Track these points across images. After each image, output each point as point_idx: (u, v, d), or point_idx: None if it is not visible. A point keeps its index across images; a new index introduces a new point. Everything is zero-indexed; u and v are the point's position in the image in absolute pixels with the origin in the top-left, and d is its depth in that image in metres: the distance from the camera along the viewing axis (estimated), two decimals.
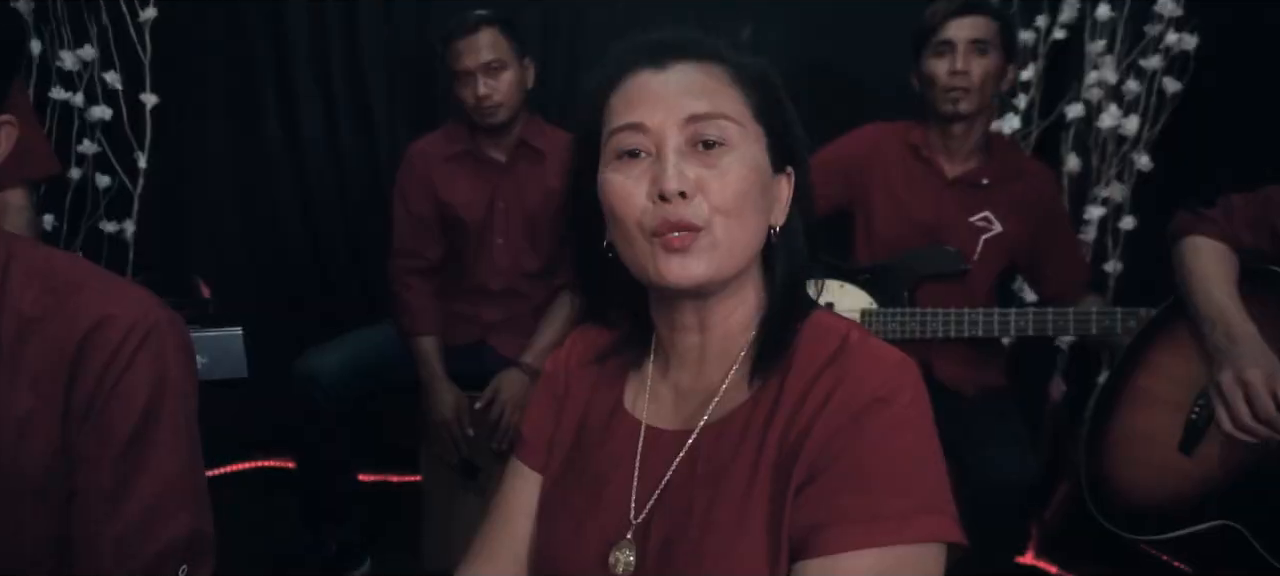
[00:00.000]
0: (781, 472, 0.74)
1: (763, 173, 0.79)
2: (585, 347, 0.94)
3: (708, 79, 0.79)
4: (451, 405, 2.00)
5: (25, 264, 0.87)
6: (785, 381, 0.78)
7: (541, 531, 0.88)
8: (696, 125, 0.76)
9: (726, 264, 0.76)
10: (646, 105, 0.78)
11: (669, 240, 0.74)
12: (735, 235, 0.76)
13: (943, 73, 1.78)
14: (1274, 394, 1.22)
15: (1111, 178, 2.27)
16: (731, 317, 0.82)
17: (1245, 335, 1.30)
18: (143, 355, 0.86)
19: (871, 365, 0.75)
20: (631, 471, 0.83)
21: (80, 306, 0.86)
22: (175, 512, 0.87)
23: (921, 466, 0.73)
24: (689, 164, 0.76)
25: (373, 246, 2.50)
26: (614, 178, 0.78)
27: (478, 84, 1.94)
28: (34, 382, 0.84)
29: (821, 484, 0.72)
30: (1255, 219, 1.38)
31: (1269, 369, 1.24)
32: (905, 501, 0.70)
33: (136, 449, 0.86)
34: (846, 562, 0.69)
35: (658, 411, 0.85)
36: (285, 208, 2.57)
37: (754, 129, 0.79)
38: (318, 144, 2.53)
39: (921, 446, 0.74)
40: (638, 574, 0.78)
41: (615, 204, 0.77)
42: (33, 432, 0.84)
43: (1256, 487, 1.23)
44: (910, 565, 0.70)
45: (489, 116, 1.97)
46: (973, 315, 1.76)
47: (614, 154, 0.79)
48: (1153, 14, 2.16)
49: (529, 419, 0.94)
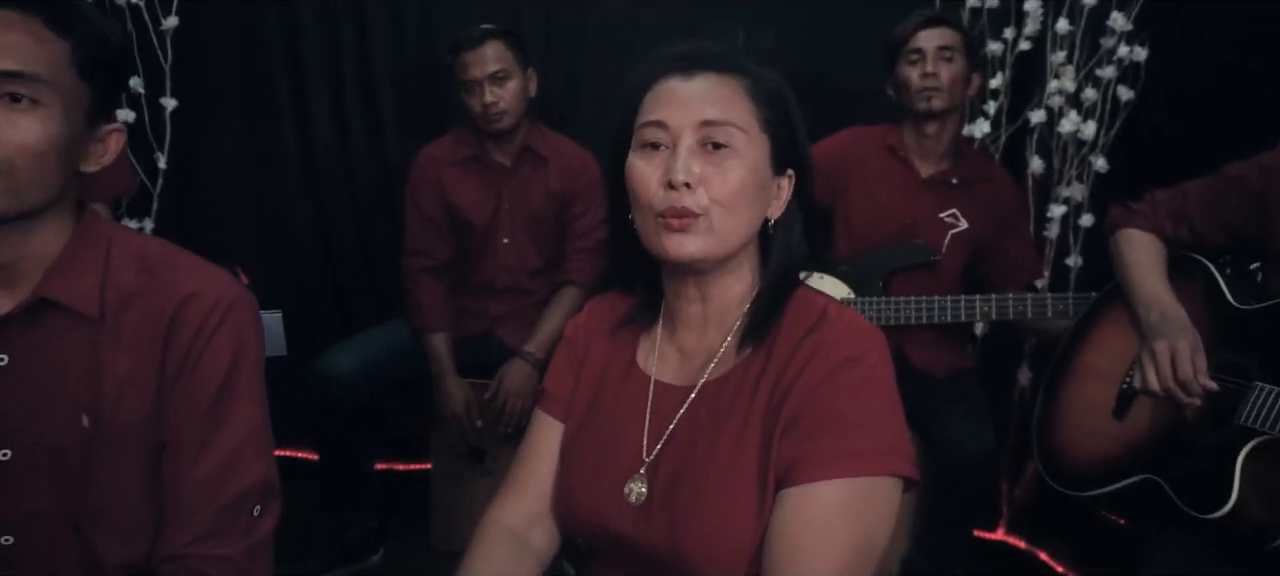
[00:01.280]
0: (770, 419, 0.88)
1: (761, 174, 0.92)
2: (602, 314, 1.07)
3: (725, 90, 0.91)
4: (461, 399, 2.10)
5: (122, 247, 1.00)
6: (774, 345, 0.92)
7: (565, 470, 1.01)
8: (708, 129, 0.89)
9: (718, 247, 0.90)
10: (670, 107, 0.91)
11: (671, 221, 0.89)
12: (729, 223, 0.90)
13: (915, 77, 1.93)
14: (1194, 363, 1.34)
15: (1072, 178, 2.34)
16: (729, 292, 0.96)
17: (1176, 315, 1.40)
18: (225, 327, 0.99)
19: (845, 332, 0.90)
20: (643, 419, 0.97)
21: (173, 283, 0.98)
22: (250, 462, 1.00)
23: (884, 416, 0.88)
24: (697, 160, 0.89)
25: (381, 246, 2.56)
26: (637, 163, 0.92)
27: (484, 92, 2.04)
28: (132, 347, 0.97)
29: (802, 427, 0.86)
30: (1175, 212, 1.50)
31: (1194, 343, 1.35)
32: (870, 442, 0.85)
33: (218, 407, 0.98)
34: (820, 489, 0.84)
35: (665, 369, 0.99)
36: (297, 207, 2.61)
37: (759, 137, 0.92)
38: (329, 147, 2.58)
39: (885, 400, 0.88)
40: (649, 502, 0.92)
41: (635, 185, 0.91)
42: (131, 390, 0.96)
43: (1172, 446, 1.35)
44: (872, 494, 0.85)
45: (495, 122, 2.07)
46: (941, 302, 1.90)
47: (640, 144, 0.93)
48: (1107, 28, 2.24)
49: (552, 375, 1.07)
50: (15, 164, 0.86)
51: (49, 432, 0.94)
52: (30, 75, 0.86)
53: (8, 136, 0.85)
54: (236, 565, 0.96)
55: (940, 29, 1.94)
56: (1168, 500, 1.31)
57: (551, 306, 2.18)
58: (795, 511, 0.84)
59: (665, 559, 0.90)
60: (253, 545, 0.98)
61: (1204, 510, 1.24)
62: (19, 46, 0.86)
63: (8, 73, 0.85)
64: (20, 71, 0.85)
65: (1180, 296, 1.45)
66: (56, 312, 0.95)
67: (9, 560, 0.95)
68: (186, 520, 0.95)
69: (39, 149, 0.87)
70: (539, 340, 2.13)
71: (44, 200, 0.92)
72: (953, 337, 2.04)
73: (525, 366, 2.10)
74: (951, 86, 1.94)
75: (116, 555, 0.97)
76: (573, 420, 1.03)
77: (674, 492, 0.91)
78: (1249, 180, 1.39)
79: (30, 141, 0.87)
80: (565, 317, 2.15)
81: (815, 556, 0.82)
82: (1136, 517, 1.47)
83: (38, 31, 0.87)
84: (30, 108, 0.87)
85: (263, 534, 1.00)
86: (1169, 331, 1.38)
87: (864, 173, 2.05)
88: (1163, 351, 1.35)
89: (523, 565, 0.99)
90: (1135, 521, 1.48)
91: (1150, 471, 1.37)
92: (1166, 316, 1.41)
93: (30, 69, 0.86)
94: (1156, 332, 1.40)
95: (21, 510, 0.95)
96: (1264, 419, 1.21)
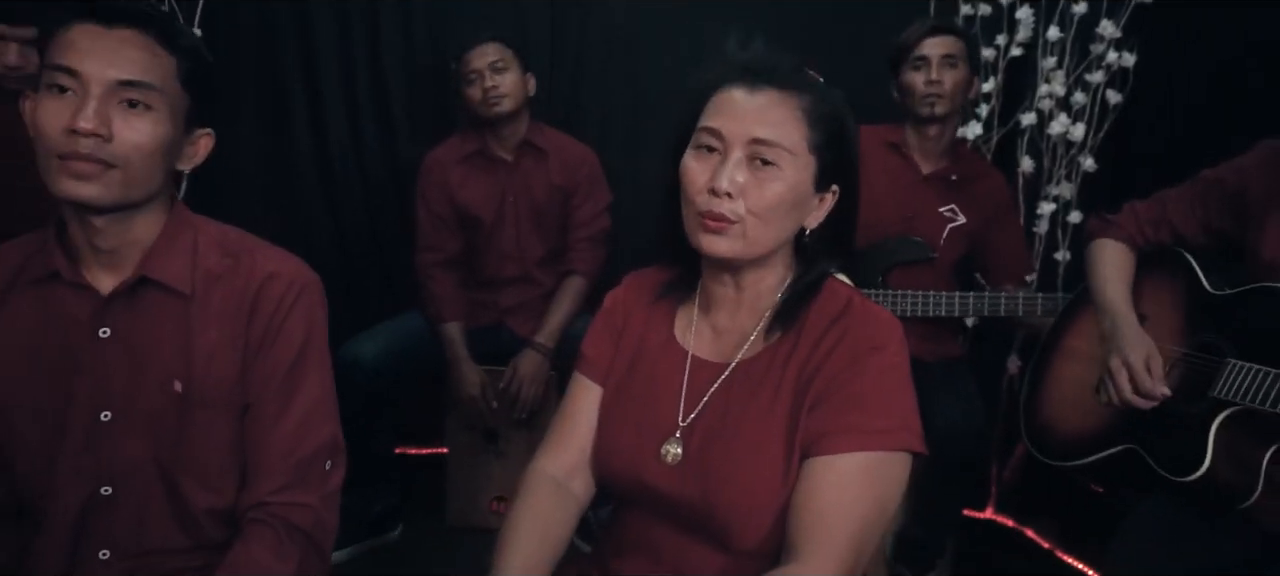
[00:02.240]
0: (798, 397, 0.99)
1: (800, 192, 0.99)
2: (640, 288, 1.17)
3: (782, 110, 0.98)
4: (476, 383, 2.21)
5: (206, 234, 1.12)
6: (802, 331, 1.03)
7: (604, 430, 1.11)
8: (757, 146, 0.97)
9: (748, 251, 1.00)
10: (728, 118, 0.99)
11: (707, 222, 0.99)
12: (760, 233, 0.99)
13: (920, 83, 2.02)
14: (1149, 370, 1.43)
15: (1061, 178, 2.45)
16: (762, 283, 1.06)
17: (1127, 325, 1.50)
18: (300, 304, 1.10)
19: (870, 322, 1.01)
20: (680, 388, 1.07)
21: (253, 266, 1.10)
22: (321, 424, 1.11)
23: (901, 398, 0.99)
24: (742, 172, 0.97)
25: (393, 242, 2.64)
26: (690, 162, 1.01)
27: (484, 78, 2.15)
28: (219, 321, 1.08)
29: (827, 405, 0.97)
30: (1156, 219, 1.59)
31: (1146, 351, 1.45)
32: (888, 420, 0.96)
33: (294, 374, 1.09)
34: (843, 460, 0.95)
35: (700, 344, 1.09)
36: (313, 206, 2.68)
37: (806, 158, 0.99)
38: (343, 148, 2.65)
39: (901, 384, 0.99)
40: (682, 463, 1.02)
41: (685, 181, 1.01)
42: (218, 359, 1.08)
43: (1150, 418, 1.44)
44: (887, 465, 0.96)
45: (494, 106, 2.17)
46: (937, 297, 2.00)
47: (696, 143, 1.01)
48: (1096, 35, 2.33)
49: (592, 342, 1.16)
50: (130, 160, 0.98)
51: (146, 396, 1.05)
52: (146, 84, 0.98)
53: (125, 136, 0.97)
54: (314, 511, 1.07)
55: (944, 37, 2.02)
56: (1146, 467, 1.42)
57: (558, 297, 2.28)
58: (820, 477, 0.95)
59: (697, 512, 1.00)
60: (326, 494, 1.09)
61: (1180, 474, 1.35)
62: (138, 60, 0.98)
63: (129, 82, 0.97)
64: (138, 81, 0.97)
65: (1162, 285, 1.56)
66: (154, 290, 1.06)
67: (109, 508, 1.06)
68: (269, 473, 1.06)
69: (149, 148, 0.99)
70: (548, 330, 2.23)
71: (148, 193, 1.03)
72: (943, 328, 2.14)
73: (536, 355, 2.21)
74: (954, 92, 2.03)
75: (203, 503, 1.08)
76: (611, 383, 1.13)
77: (707, 455, 1.01)
78: (1226, 182, 1.49)
79: (143, 141, 0.98)
80: (572, 306, 2.26)
81: (837, 517, 0.93)
82: (1117, 485, 1.57)
83: (152, 47, 0.99)
84: (144, 112, 0.99)
85: (333, 485, 1.11)
86: (1123, 343, 1.48)
87: (867, 169, 2.07)
88: (1118, 368, 1.46)
89: (565, 509, 1.10)
90: (1116, 489, 1.58)
91: (1130, 441, 1.47)
92: (1119, 326, 1.51)
93: (146, 79, 0.98)
94: (1112, 344, 1.50)
95: (121, 465, 1.05)
96: (1235, 392, 1.32)
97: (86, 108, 0.95)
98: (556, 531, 1.08)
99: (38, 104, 0.97)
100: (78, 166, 0.96)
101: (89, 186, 0.97)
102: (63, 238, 1.06)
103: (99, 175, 0.97)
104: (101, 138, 0.96)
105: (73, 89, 0.96)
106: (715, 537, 1.00)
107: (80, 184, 0.97)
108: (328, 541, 1.11)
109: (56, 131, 0.95)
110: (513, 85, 2.19)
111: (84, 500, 1.05)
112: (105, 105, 0.96)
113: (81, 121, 0.94)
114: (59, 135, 0.95)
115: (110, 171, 0.98)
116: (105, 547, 1.07)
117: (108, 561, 1.07)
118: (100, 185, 0.97)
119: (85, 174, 0.96)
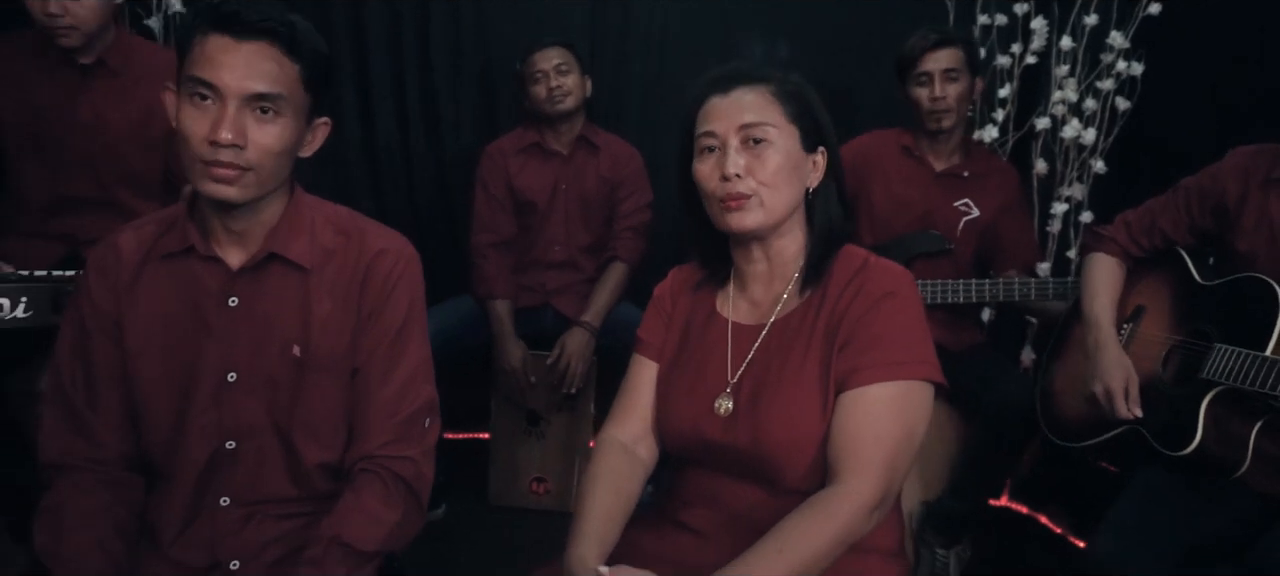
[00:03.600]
0: (828, 342, 1.14)
1: (795, 156, 1.17)
2: (683, 279, 1.34)
3: (757, 98, 1.16)
4: (518, 356, 2.35)
5: (320, 214, 1.25)
6: (827, 288, 1.18)
7: (663, 397, 1.26)
8: (747, 130, 1.15)
9: (769, 217, 1.16)
10: (716, 119, 1.16)
11: (730, 204, 1.15)
12: (775, 198, 1.16)
13: (925, 99, 2.13)
14: (1127, 392, 1.56)
15: (1073, 179, 2.55)
16: (786, 250, 1.22)
17: (1106, 346, 1.63)
18: (405, 278, 1.23)
19: (884, 274, 1.17)
20: (725, 352, 1.23)
21: (365, 243, 1.23)
22: (422, 385, 1.24)
23: (917, 335, 1.14)
24: (742, 155, 1.14)
25: (438, 234, 2.77)
26: (699, 166, 1.19)
27: (550, 79, 2.33)
28: (333, 293, 1.21)
29: (854, 345, 1.13)
30: (1147, 227, 1.72)
31: (1124, 376, 1.58)
32: (907, 354, 1.12)
33: (399, 341, 1.22)
34: (872, 391, 1.10)
35: (739, 313, 1.25)
36: (362, 199, 2.78)
37: (788, 128, 1.16)
38: (391, 144, 2.78)
39: (916, 323, 1.15)
40: (734, 413, 1.18)
41: (700, 182, 1.18)
42: (332, 327, 1.20)
43: (1149, 400, 1.57)
44: (911, 393, 1.12)
45: (558, 104, 2.35)
46: (954, 284, 2.12)
47: (699, 150, 1.19)
48: (1107, 45, 2.45)
49: (646, 328, 1.32)
50: (262, 163, 1.11)
51: (268, 360, 1.19)
52: (275, 95, 1.10)
53: (258, 141, 1.10)
54: (415, 463, 1.21)
55: (945, 50, 2.11)
56: (1147, 444, 1.55)
57: (603, 281, 2.43)
58: (853, 408, 1.10)
59: (749, 455, 1.15)
60: (426, 449, 1.23)
61: (1174, 449, 1.49)
62: (268, 72, 1.09)
63: (261, 94, 1.09)
64: (269, 93, 1.09)
65: (1160, 278, 1.70)
66: (278, 265, 1.19)
67: (231, 460, 1.20)
68: (376, 430, 1.19)
69: (278, 149, 1.12)
70: (595, 310, 2.38)
71: (276, 185, 1.16)
72: (964, 318, 2.26)
73: (583, 333, 2.35)
74: (958, 104, 2.13)
75: (315, 457, 1.21)
76: (665, 359, 1.28)
77: (755, 403, 1.16)
78: (1205, 188, 1.62)
79: (273, 144, 1.11)
80: (616, 289, 2.41)
81: (869, 439, 1.08)
82: (1122, 462, 1.70)
83: (279, 57, 1.10)
84: (274, 118, 1.11)
85: (432, 441, 1.25)
86: (1103, 369, 1.61)
87: (884, 170, 2.24)
88: (1102, 395, 1.59)
89: (633, 470, 1.24)
90: (1122, 465, 1.71)
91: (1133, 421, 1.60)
92: (1101, 346, 1.65)
93: (275, 90, 1.10)
94: (1095, 366, 1.63)
95: (243, 422, 1.19)
96: (1221, 373, 1.46)
97: (224, 120, 1.06)
98: (628, 487, 1.22)
99: (180, 108, 1.10)
100: (218, 172, 1.08)
101: (229, 188, 1.09)
102: (194, 215, 1.19)
103: (237, 178, 1.09)
104: (238, 147, 1.08)
105: (211, 99, 1.07)
106: (766, 479, 1.15)
107: (221, 187, 1.09)
108: (426, 491, 1.23)
109: (199, 140, 1.07)
110: (574, 86, 2.37)
111: (209, 453, 1.18)
112: (241, 116, 1.07)
113: (222, 133, 1.06)
114: (201, 143, 1.07)
115: (246, 174, 1.10)
116: (225, 496, 1.20)
117: (227, 508, 1.20)
118: (238, 187, 1.10)
119: (225, 178, 1.08)
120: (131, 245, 1.20)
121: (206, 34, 1.08)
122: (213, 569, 1.19)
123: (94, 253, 1.21)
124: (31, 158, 1.95)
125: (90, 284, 1.19)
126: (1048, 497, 2.58)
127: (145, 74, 1.95)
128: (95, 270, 1.19)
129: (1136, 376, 1.59)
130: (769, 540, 1.05)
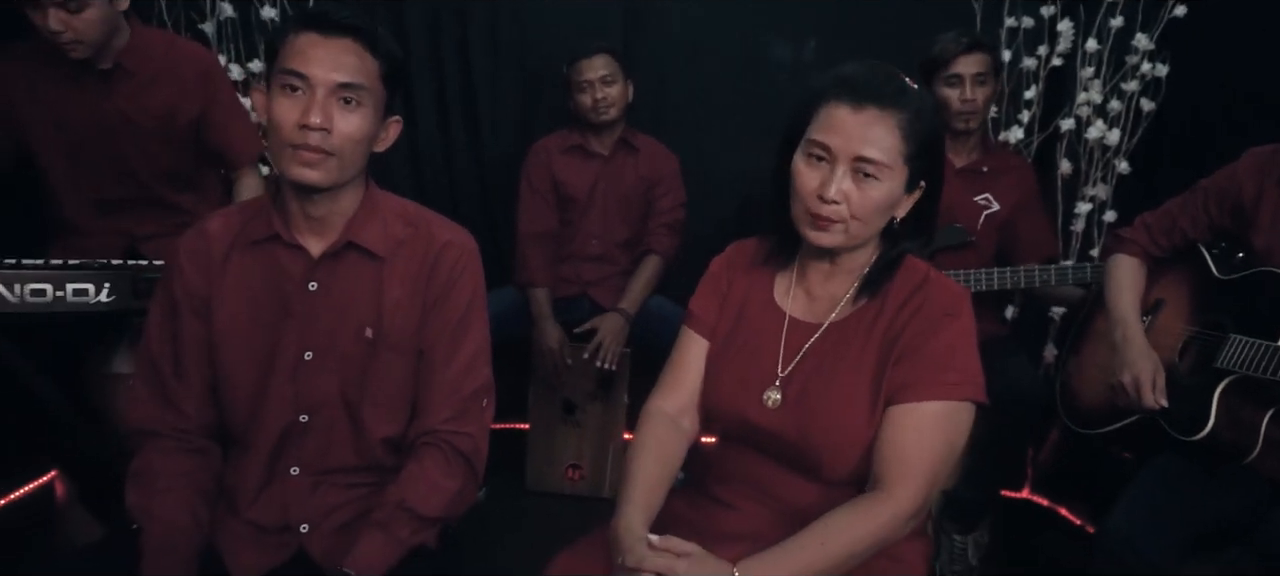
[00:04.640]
0: (883, 353, 1.18)
1: (893, 196, 1.15)
2: (743, 254, 1.35)
3: (883, 128, 1.11)
4: (556, 338, 2.47)
5: (390, 206, 1.34)
6: (887, 299, 1.21)
7: (711, 378, 1.29)
8: (861, 162, 1.12)
9: (848, 243, 1.18)
10: (836, 134, 1.12)
11: (816, 221, 1.15)
12: (862, 229, 1.15)
13: (955, 100, 2.17)
14: (1154, 385, 1.59)
15: (1097, 180, 2.59)
16: (855, 260, 1.24)
17: (1134, 341, 1.67)
18: (469, 269, 1.32)
19: (945, 292, 1.20)
20: (779, 344, 1.26)
21: (432, 233, 1.32)
22: (481, 367, 1.33)
23: (970, 356, 1.18)
24: (847, 181, 1.12)
25: (478, 231, 2.70)
26: (801, 166, 1.17)
27: (595, 89, 2.44)
28: (403, 280, 1.29)
29: (909, 361, 1.16)
30: (1168, 227, 1.76)
31: (1152, 367, 1.61)
32: (958, 375, 1.16)
33: (462, 326, 1.31)
34: (922, 407, 1.14)
35: (796, 307, 1.27)
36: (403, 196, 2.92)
37: (900, 169, 1.13)
38: (432, 144, 2.86)
39: (971, 344, 1.19)
40: (781, 408, 1.21)
41: (797, 182, 1.17)
42: (402, 311, 1.29)
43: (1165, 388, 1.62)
44: (957, 413, 1.16)
45: (602, 115, 2.46)
46: (977, 274, 2.18)
47: (806, 150, 1.16)
48: (1132, 47, 2.48)
49: (699, 302, 1.33)
50: (344, 149, 1.20)
51: (343, 340, 1.28)
52: (358, 85, 1.19)
53: (342, 129, 1.19)
54: (473, 439, 1.30)
55: (976, 55, 2.15)
56: (1161, 431, 1.61)
57: (638, 272, 2.54)
58: (903, 421, 1.14)
59: (795, 448, 1.19)
60: (483, 426, 1.32)
61: (1187, 434, 1.55)
62: (352, 64, 1.19)
63: (346, 84, 1.18)
64: (353, 83, 1.19)
65: (1179, 273, 1.76)
66: (355, 252, 1.29)
67: (304, 432, 1.29)
68: (438, 406, 1.28)
69: (359, 137, 1.21)
70: (630, 298, 2.49)
71: (355, 173, 1.25)
72: (986, 309, 2.29)
73: (619, 318, 2.46)
74: (985, 106, 2.20)
75: (381, 431, 1.30)
76: (717, 337, 1.31)
77: (805, 401, 1.20)
78: (1223, 188, 1.67)
79: (355, 132, 1.20)
80: (650, 280, 2.53)
81: (917, 455, 1.13)
82: (1138, 448, 1.76)
83: (362, 53, 1.20)
84: (356, 108, 1.20)
85: (488, 419, 1.34)
86: (1129, 358, 1.66)
87: None
88: (1130, 384, 1.64)
89: (677, 441, 1.29)
90: (1137, 453, 1.77)
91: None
92: (1128, 341, 1.69)
93: (358, 80, 1.19)
94: (1123, 357, 1.67)
95: (317, 397, 1.29)
96: (1235, 362, 1.52)
97: (314, 106, 1.15)
98: (672, 458, 1.26)
99: (272, 100, 1.19)
100: (306, 155, 1.17)
101: (314, 171, 1.18)
102: (278, 205, 1.28)
103: (321, 162, 1.18)
104: (325, 131, 1.16)
105: (301, 89, 1.16)
106: (809, 470, 1.20)
107: (307, 170, 1.18)
108: (482, 465, 1.32)
109: (289, 126, 1.16)
110: (618, 96, 2.47)
111: (285, 426, 1.28)
112: (328, 103, 1.16)
113: (311, 117, 1.14)
114: (291, 129, 1.16)
115: (330, 159, 1.18)
116: (296, 465, 1.29)
117: (298, 476, 1.29)
118: (322, 170, 1.19)
119: (311, 161, 1.17)
120: (220, 231, 1.30)
121: (298, 33, 1.19)
122: (284, 530, 1.28)
123: (184, 239, 1.31)
124: (66, 167, 1.98)
125: (181, 265, 1.28)
126: (1069, 490, 2.62)
127: (163, 71, 1.97)
128: (186, 254, 1.29)
129: (1163, 369, 1.64)
130: (813, 532, 1.10)
